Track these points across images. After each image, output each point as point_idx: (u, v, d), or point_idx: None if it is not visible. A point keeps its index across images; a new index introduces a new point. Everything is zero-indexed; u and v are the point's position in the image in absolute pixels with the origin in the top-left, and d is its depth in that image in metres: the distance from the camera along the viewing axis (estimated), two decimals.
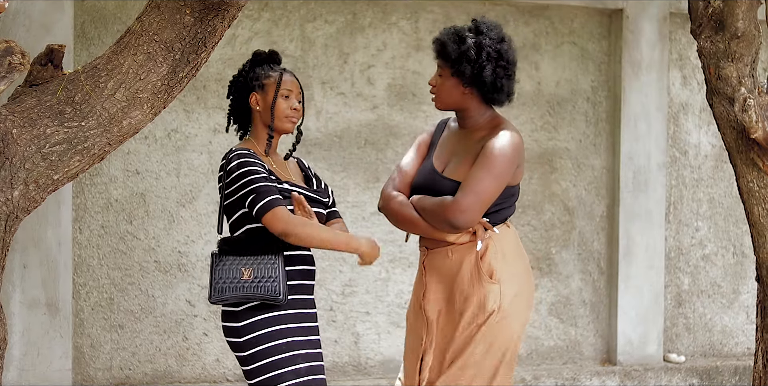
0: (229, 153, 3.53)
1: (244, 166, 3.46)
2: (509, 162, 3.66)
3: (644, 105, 6.34)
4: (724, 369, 6.54)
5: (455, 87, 3.75)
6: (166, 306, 5.61)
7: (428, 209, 3.69)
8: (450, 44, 3.71)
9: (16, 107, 3.20)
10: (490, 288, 3.64)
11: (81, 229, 5.47)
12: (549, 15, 6.31)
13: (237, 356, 3.50)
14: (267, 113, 3.58)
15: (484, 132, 3.75)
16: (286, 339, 3.44)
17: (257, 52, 3.67)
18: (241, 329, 3.44)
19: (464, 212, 3.59)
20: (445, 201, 3.63)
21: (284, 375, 3.41)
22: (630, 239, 6.33)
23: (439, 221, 3.65)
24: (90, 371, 5.51)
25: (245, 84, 3.61)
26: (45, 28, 5.17)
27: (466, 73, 3.70)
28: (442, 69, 3.76)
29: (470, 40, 3.70)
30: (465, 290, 3.67)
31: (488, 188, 3.61)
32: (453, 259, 3.72)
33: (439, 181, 3.73)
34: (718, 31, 3.91)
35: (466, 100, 3.77)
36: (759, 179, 3.90)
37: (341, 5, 5.91)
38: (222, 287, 3.45)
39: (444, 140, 3.87)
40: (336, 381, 5.82)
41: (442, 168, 3.77)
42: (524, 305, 3.73)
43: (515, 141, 3.68)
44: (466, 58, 3.68)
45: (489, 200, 3.63)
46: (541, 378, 6.11)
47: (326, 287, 5.89)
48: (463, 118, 3.82)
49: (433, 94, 3.81)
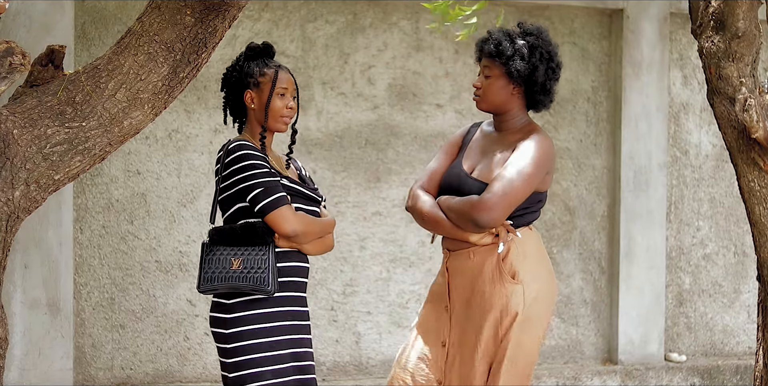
0: (228, 144, 3.47)
1: (246, 159, 3.42)
2: (540, 166, 3.67)
3: (645, 105, 6.35)
4: (725, 369, 6.54)
5: (504, 87, 3.77)
6: (167, 306, 5.61)
7: (454, 208, 3.69)
8: (504, 42, 3.72)
9: (17, 107, 3.20)
10: (512, 289, 3.65)
11: (82, 229, 5.48)
12: (549, 15, 6.31)
13: (219, 347, 3.45)
14: (262, 112, 3.53)
15: (518, 136, 3.76)
16: (274, 337, 3.41)
17: (251, 45, 3.60)
18: (229, 321, 3.40)
19: (490, 211, 3.59)
20: (472, 199, 3.64)
21: (264, 374, 3.38)
22: (631, 239, 6.33)
23: (465, 219, 3.65)
24: (91, 371, 5.51)
25: (240, 80, 3.56)
26: (45, 28, 5.17)
27: (520, 72, 3.71)
28: (491, 69, 3.77)
29: (523, 40, 3.74)
30: (486, 290, 3.66)
31: (516, 190, 3.62)
32: (474, 261, 3.71)
33: (468, 182, 3.74)
34: (719, 31, 3.91)
35: (512, 101, 3.79)
36: (760, 178, 3.90)
37: (342, 5, 5.91)
38: (211, 277, 3.42)
39: (475, 142, 3.88)
40: (337, 380, 5.83)
41: (471, 170, 3.78)
42: (546, 307, 3.73)
43: (548, 147, 3.71)
44: (520, 57, 3.71)
45: (516, 202, 3.64)
46: (542, 378, 6.11)
47: (327, 286, 5.89)
48: (503, 120, 3.83)
49: (478, 95, 3.81)
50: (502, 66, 3.75)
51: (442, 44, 6.09)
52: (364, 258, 5.96)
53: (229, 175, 3.44)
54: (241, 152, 3.43)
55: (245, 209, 3.45)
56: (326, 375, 5.83)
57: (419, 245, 6.00)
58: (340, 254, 5.89)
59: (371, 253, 5.97)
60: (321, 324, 5.86)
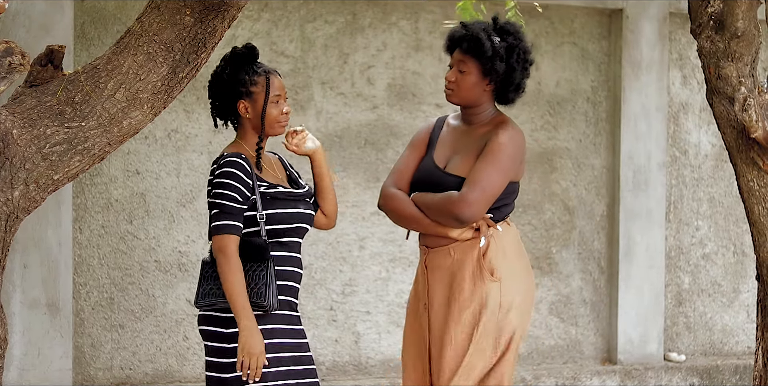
0: (219, 159, 3.44)
1: (227, 177, 3.38)
2: (514, 157, 3.69)
3: (644, 105, 6.35)
4: (724, 368, 6.54)
5: (477, 84, 3.76)
6: (167, 306, 5.61)
7: (433, 205, 3.69)
8: (484, 41, 3.71)
9: (17, 107, 3.20)
10: (491, 286, 3.65)
11: (81, 229, 5.48)
12: (549, 15, 6.30)
13: (215, 346, 3.42)
14: (257, 121, 3.48)
15: (488, 128, 3.77)
16: (275, 339, 3.39)
17: (236, 51, 3.51)
18: (230, 336, 3.37)
19: (471, 206, 3.60)
20: (452, 196, 3.64)
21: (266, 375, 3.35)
22: (630, 239, 6.33)
23: (445, 216, 3.66)
24: (90, 371, 5.51)
25: (231, 89, 3.47)
26: (45, 28, 5.17)
27: (498, 72, 3.71)
28: (466, 65, 3.75)
29: (500, 39, 3.73)
30: (466, 287, 3.67)
31: (494, 182, 3.63)
32: (455, 258, 3.72)
33: (441, 176, 3.74)
34: (718, 30, 3.91)
35: (483, 96, 3.79)
36: (759, 178, 3.90)
37: (341, 5, 5.91)
38: (209, 292, 3.40)
39: (444, 136, 3.87)
40: (336, 380, 5.83)
41: (444, 164, 3.77)
42: (525, 303, 3.73)
43: (519, 137, 3.72)
44: (499, 58, 3.71)
45: (495, 194, 3.65)
46: (541, 378, 6.11)
47: (326, 286, 5.89)
48: (472, 114, 3.83)
49: (451, 89, 3.80)
50: (479, 64, 3.74)
51: (441, 44, 6.05)
52: (363, 258, 5.96)
53: (212, 188, 3.42)
54: (227, 168, 3.39)
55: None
56: (325, 374, 5.83)
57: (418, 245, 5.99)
58: (339, 254, 5.90)
59: (370, 253, 5.97)
60: (320, 323, 5.87)
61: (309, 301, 5.83)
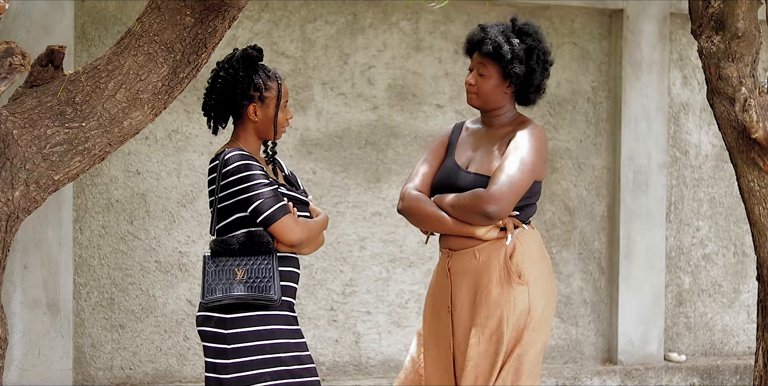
0: (223, 154, 3.40)
1: (246, 170, 3.36)
2: (540, 154, 3.69)
3: (645, 105, 6.35)
4: (724, 368, 6.54)
5: (498, 86, 3.77)
6: (167, 306, 5.62)
7: (459, 203, 3.67)
8: (503, 45, 3.72)
9: (17, 107, 3.21)
10: (519, 289, 3.63)
11: (82, 229, 5.48)
12: (549, 15, 6.31)
13: (215, 347, 3.39)
14: (265, 125, 3.47)
15: (510, 128, 3.77)
16: (276, 339, 3.38)
17: (248, 54, 3.46)
18: (229, 337, 3.36)
19: (499, 201, 3.58)
20: (478, 192, 3.63)
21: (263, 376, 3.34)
22: (630, 239, 6.34)
23: (473, 213, 3.63)
24: (91, 371, 5.51)
25: (243, 92, 3.43)
26: (45, 29, 5.17)
27: (518, 75, 3.72)
28: (486, 68, 3.76)
29: (519, 40, 3.74)
30: (493, 290, 3.64)
31: (522, 178, 3.62)
32: (480, 260, 3.69)
33: (464, 176, 3.73)
34: (719, 31, 3.91)
35: (505, 99, 3.80)
36: (759, 178, 3.91)
37: (341, 6, 5.91)
38: (215, 288, 3.37)
39: (464, 139, 3.87)
40: (337, 380, 5.83)
41: (466, 165, 3.77)
42: (550, 307, 3.72)
43: (543, 136, 3.74)
44: (519, 61, 3.72)
45: (521, 191, 3.64)
46: (541, 378, 6.11)
47: (327, 287, 5.89)
48: (493, 116, 3.83)
49: (474, 93, 3.79)
50: (500, 68, 3.75)
51: (441, 44, 6.09)
52: (363, 258, 5.96)
53: (228, 185, 3.37)
54: (240, 162, 3.37)
55: (243, 219, 3.40)
56: (326, 375, 5.83)
57: (419, 246, 6.00)
58: (339, 254, 5.90)
59: (371, 253, 5.97)
60: (320, 324, 5.87)
61: (309, 301, 5.83)
